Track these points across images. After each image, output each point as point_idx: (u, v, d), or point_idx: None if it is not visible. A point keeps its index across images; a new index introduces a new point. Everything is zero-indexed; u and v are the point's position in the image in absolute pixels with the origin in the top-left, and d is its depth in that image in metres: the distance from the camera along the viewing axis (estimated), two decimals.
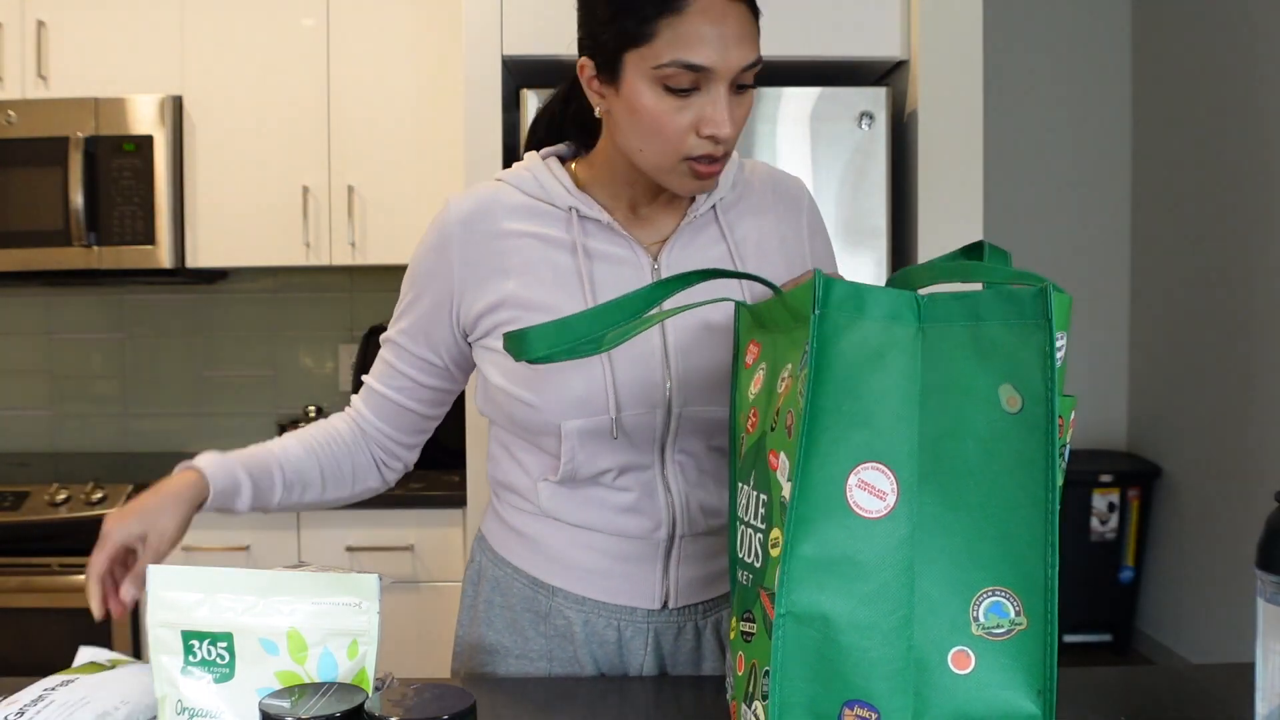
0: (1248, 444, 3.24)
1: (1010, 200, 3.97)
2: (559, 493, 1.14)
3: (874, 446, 0.76)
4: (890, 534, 0.75)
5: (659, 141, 1.04)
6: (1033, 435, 0.75)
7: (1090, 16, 3.95)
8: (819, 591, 0.75)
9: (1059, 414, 0.77)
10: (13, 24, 2.62)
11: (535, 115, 1.24)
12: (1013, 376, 0.76)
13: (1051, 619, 0.74)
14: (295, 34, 2.66)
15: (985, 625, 0.75)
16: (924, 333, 0.78)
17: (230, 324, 3.04)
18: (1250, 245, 3.21)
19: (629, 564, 1.13)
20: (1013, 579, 0.75)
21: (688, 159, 1.04)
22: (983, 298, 0.77)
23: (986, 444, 0.76)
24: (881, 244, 2.20)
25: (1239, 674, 1.03)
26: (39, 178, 2.57)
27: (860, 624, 0.75)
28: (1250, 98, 3.21)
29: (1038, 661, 0.74)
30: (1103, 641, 3.84)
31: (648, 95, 1.02)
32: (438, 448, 2.68)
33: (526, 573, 1.17)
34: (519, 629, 1.17)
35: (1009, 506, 0.75)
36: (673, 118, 1.02)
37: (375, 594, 0.82)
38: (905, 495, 0.76)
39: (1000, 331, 0.77)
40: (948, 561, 0.75)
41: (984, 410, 0.76)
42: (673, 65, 1.00)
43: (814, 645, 0.76)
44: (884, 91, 2.19)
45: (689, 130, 1.03)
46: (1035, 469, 0.75)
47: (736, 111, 1.04)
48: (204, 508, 1.13)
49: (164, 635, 0.82)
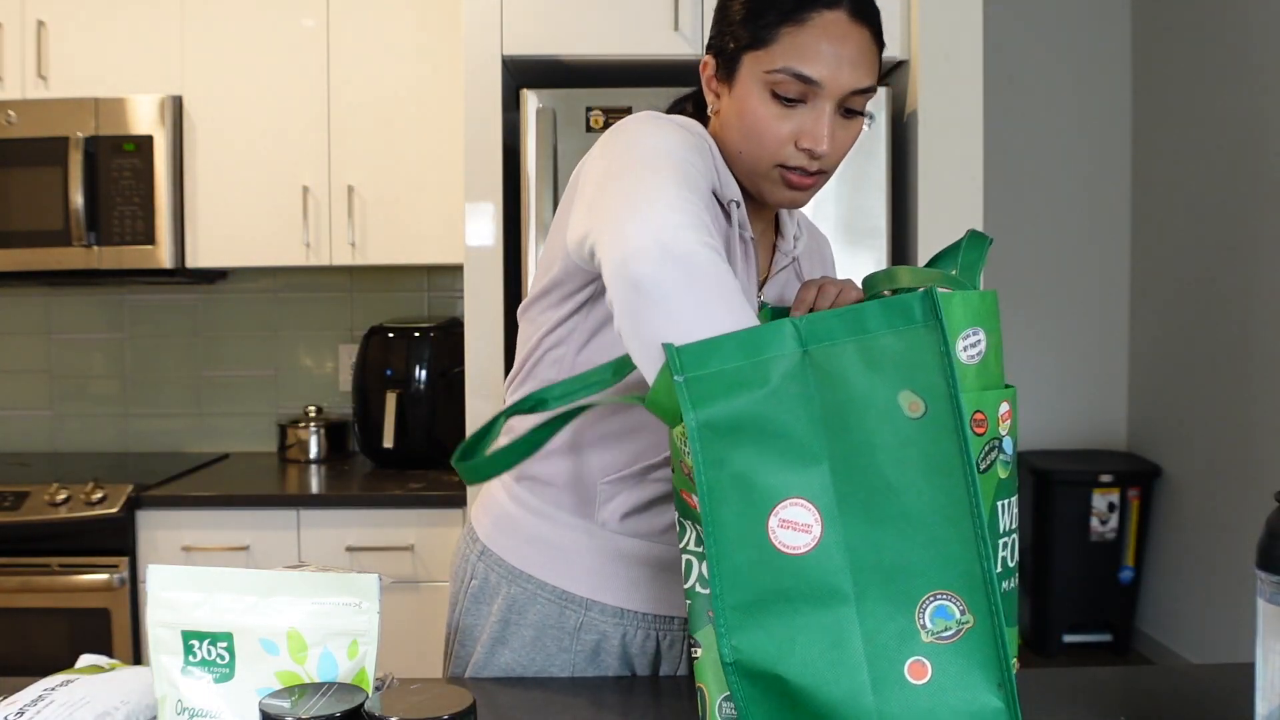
0: (1248, 444, 3.24)
1: (1010, 200, 3.97)
2: (617, 498, 1.11)
3: (787, 484, 0.75)
4: (821, 564, 0.75)
5: (757, 145, 1.06)
6: (942, 436, 0.74)
7: (1090, 17, 3.95)
8: (760, 631, 0.75)
9: (979, 409, 0.76)
10: (13, 24, 2.62)
11: (667, 109, 1.21)
12: (910, 382, 0.75)
13: (996, 611, 0.73)
14: (295, 34, 2.66)
15: (934, 630, 0.74)
16: (810, 356, 0.77)
17: (230, 324, 3.04)
18: (1250, 245, 3.21)
19: (671, 573, 1.12)
20: (951, 580, 0.74)
21: (781, 166, 1.06)
22: (867, 310, 0.76)
23: (896, 454, 0.75)
24: (881, 244, 2.20)
25: (1239, 674, 1.03)
26: (39, 178, 2.57)
27: (811, 659, 0.74)
28: (1250, 98, 3.21)
29: (991, 656, 0.74)
30: (1103, 641, 3.84)
31: (756, 98, 1.05)
32: (438, 448, 2.70)
33: (554, 586, 1.13)
34: (540, 646, 1.13)
35: (932, 510, 0.74)
36: (775, 124, 1.04)
37: (375, 594, 0.82)
38: (829, 523, 0.75)
39: (890, 340, 0.76)
40: (884, 577, 0.75)
41: (887, 420, 0.75)
42: (784, 73, 1.03)
43: (771, 696, 0.75)
44: (884, 91, 2.19)
45: (788, 140, 1.05)
46: (951, 468, 0.74)
47: (840, 134, 1.06)
48: None
49: (164, 635, 0.82)
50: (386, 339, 2.72)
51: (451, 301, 3.04)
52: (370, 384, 2.71)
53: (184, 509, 2.44)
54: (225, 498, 2.44)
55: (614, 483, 1.11)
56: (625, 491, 1.11)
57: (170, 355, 3.04)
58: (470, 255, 2.22)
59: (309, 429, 2.85)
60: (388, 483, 2.55)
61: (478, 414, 2.23)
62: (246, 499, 2.44)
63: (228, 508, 2.44)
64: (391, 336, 2.72)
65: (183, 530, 2.44)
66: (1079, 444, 4.04)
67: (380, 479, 2.61)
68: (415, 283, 3.03)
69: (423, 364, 2.69)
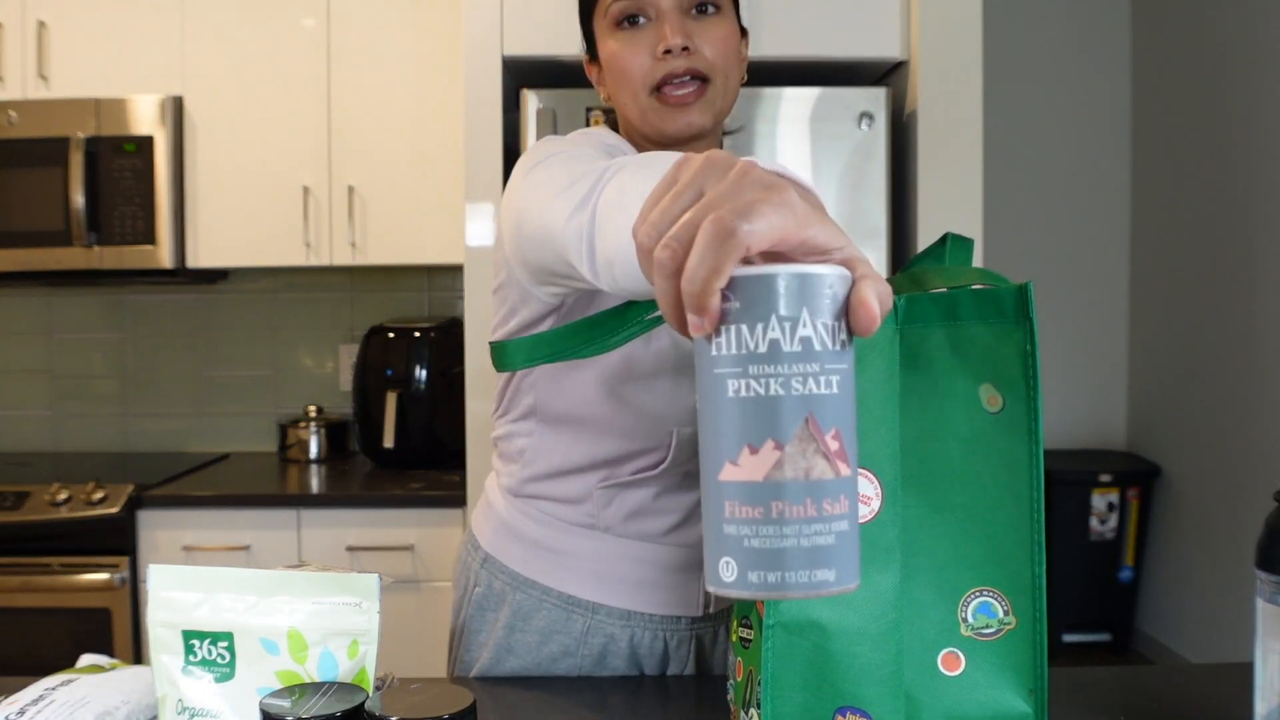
0: (1248, 444, 3.24)
1: (1010, 200, 3.97)
2: (614, 499, 1.10)
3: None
4: (876, 538, 0.75)
5: (626, 79, 1.06)
6: (1015, 434, 0.75)
7: (1090, 16, 3.95)
8: (806, 600, 0.75)
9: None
10: (13, 24, 2.62)
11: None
12: (993, 376, 0.75)
13: (1040, 617, 0.74)
14: (295, 34, 2.66)
15: (974, 626, 0.74)
16: (902, 334, 0.77)
17: (230, 324, 3.04)
18: (1250, 245, 3.21)
19: (675, 573, 1.12)
20: (1000, 579, 0.75)
21: (654, 92, 1.05)
22: (961, 297, 0.76)
23: (968, 444, 0.75)
24: (881, 244, 2.20)
25: (1239, 674, 1.03)
26: (39, 178, 2.57)
27: (849, 630, 0.74)
28: (1250, 98, 3.21)
29: (1028, 660, 0.74)
30: (1102, 641, 3.84)
31: (610, 43, 1.07)
32: (438, 447, 2.71)
33: (559, 591, 1.12)
34: (548, 653, 1.12)
35: (994, 506, 0.75)
36: (628, 50, 1.05)
37: (375, 594, 0.82)
38: (889, 499, 0.75)
39: (979, 331, 0.76)
40: (934, 564, 0.75)
41: (965, 410, 0.75)
42: (615, 2, 1.05)
43: (804, 654, 0.75)
44: (884, 91, 2.19)
45: (646, 57, 1.04)
46: (1019, 468, 0.75)
47: (701, 30, 1.04)
48: None
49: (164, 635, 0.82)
50: (387, 339, 2.73)
51: (451, 301, 3.04)
52: (370, 384, 2.71)
53: (184, 509, 2.44)
54: (225, 498, 2.45)
55: (609, 489, 1.10)
56: (621, 495, 1.10)
57: (170, 355, 3.04)
58: (470, 255, 2.22)
59: (309, 429, 2.85)
60: (388, 483, 2.56)
61: (478, 414, 2.23)
62: (247, 499, 2.45)
63: (228, 508, 2.44)
64: (392, 336, 2.72)
65: (183, 530, 2.44)
66: (1078, 444, 4.04)
67: (380, 479, 2.61)
68: (415, 283, 3.04)
69: (423, 364, 2.69)
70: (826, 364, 0.45)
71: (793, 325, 0.44)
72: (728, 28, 1.06)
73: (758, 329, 0.44)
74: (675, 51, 1.03)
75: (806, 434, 0.44)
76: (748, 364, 0.44)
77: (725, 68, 1.06)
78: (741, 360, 0.45)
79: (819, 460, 0.44)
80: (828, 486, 0.45)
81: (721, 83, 1.06)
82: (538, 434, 1.12)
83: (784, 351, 0.44)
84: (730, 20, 1.07)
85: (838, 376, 0.45)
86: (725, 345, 0.45)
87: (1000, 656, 0.74)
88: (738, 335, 0.45)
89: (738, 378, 0.45)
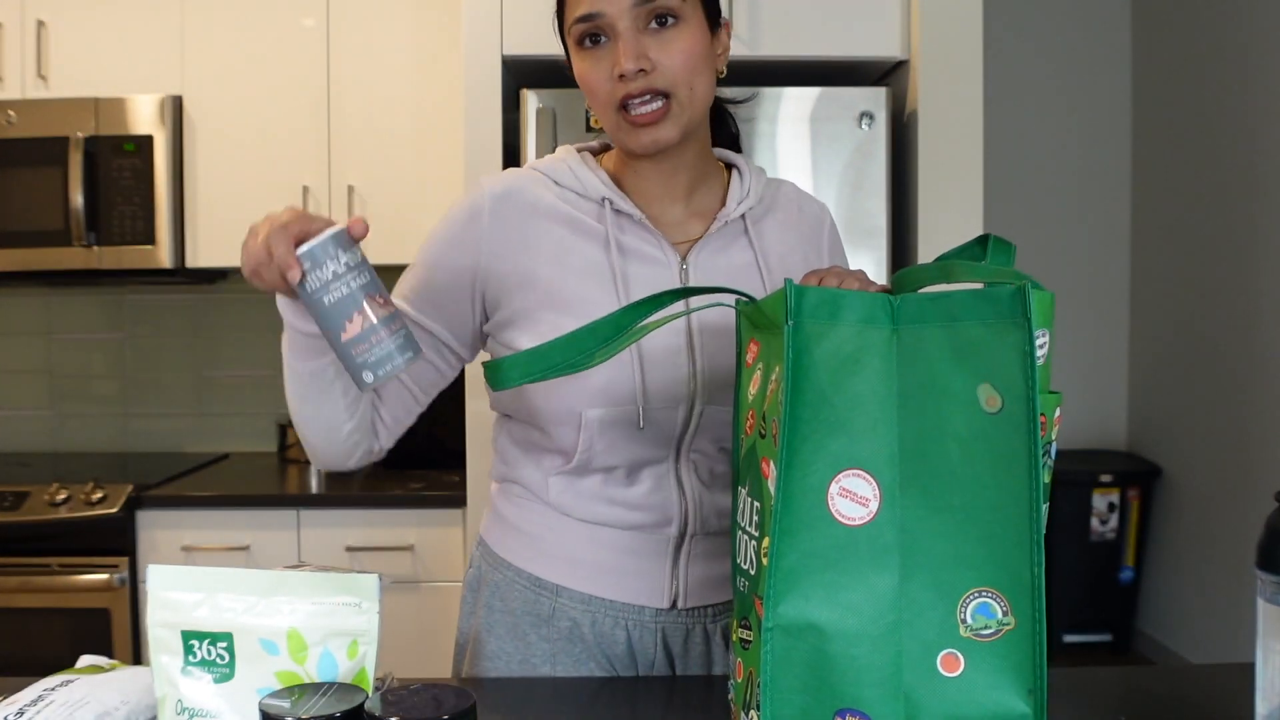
0: (1248, 444, 3.24)
1: (1010, 200, 3.97)
2: (571, 486, 1.12)
3: (853, 453, 0.75)
4: (874, 540, 0.75)
5: (595, 99, 1.08)
6: (1014, 434, 0.75)
7: (1090, 16, 3.95)
8: (805, 602, 0.75)
9: (1041, 412, 0.76)
10: (13, 24, 2.62)
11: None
12: (991, 376, 0.75)
13: (1039, 618, 0.74)
14: (295, 34, 2.66)
15: (973, 626, 0.74)
16: (899, 335, 0.77)
17: (230, 324, 3.04)
18: (1250, 245, 3.21)
19: (639, 559, 1.12)
20: (999, 579, 0.74)
21: (620, 111, 1.06)
22: (958, 297, 0.76)
23: (967, 445, 0.75)
24: (881, 244, 2.21)
25: (1239, 674, 1.03)
26: (39, 178, 2.57)
27: (848, 632, 0.74)
28: (1250, 98, 3.21)
29: (1027, 661, 0.74)
30: (1103, 641, 3.84)
31: (577, 62, 1.09)
32: (438, 447, 2.70)
33: (528, 573, 1.15)
34: (520, 634, 1.15)
35: (992, 507, 0.75)
36: (593, 70, 1.06)
37: (375, 594, 0.82)
38: (888, 500, 0.75)
39: (978, 331, 0.76)
40: (933, 564, 0.75)
41: (963, 411, 0.75)
42: (575, 23, 1.06)
43: (803, 657, 0.75)
44: (884, 91, 2.19)
45: (608, 78, 1.05)
46: (1018, 468, 0.74)
47: (665, 45, 1.04)
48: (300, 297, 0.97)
49: (164, 635, 0.82)
50: None
51: None
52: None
53: (184, 509, 2.44)
54: (225, 498, 2.44)
55: (563, 476, 1.12)
56: (576, 483, 1.12)
57: (170, 355, 3.04)
58: None
59: None
60: (388, 483, 2.56)
61: (478, 414, 2.23)
62: (246, 499, 2.45)
63: (228, 508, 2.44)
64: None
65: (183, 530, 2.44)
66: (1079, 444, 4.04)
67: (380, 479, 2.61)
68: None
69: None
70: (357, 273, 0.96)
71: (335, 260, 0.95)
72: (689, 37, 1.05)
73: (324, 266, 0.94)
74: (630, 75, 1.03)
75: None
76: (329, 284, 0.94)
77: (689, 79, 1.05)
78: (325, 283, 0.94)
79: (377, 308, 0.95)
80: (388, 320, 0.95)
81: (686, 94, 1.06)
82: (504, 423, 1.19)
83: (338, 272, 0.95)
84: (692, 27, 1.05)
85: (366, 274, 0.96)
86: (311, 282, 0.94)
87: (999, 657, 0.74)
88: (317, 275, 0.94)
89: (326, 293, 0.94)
